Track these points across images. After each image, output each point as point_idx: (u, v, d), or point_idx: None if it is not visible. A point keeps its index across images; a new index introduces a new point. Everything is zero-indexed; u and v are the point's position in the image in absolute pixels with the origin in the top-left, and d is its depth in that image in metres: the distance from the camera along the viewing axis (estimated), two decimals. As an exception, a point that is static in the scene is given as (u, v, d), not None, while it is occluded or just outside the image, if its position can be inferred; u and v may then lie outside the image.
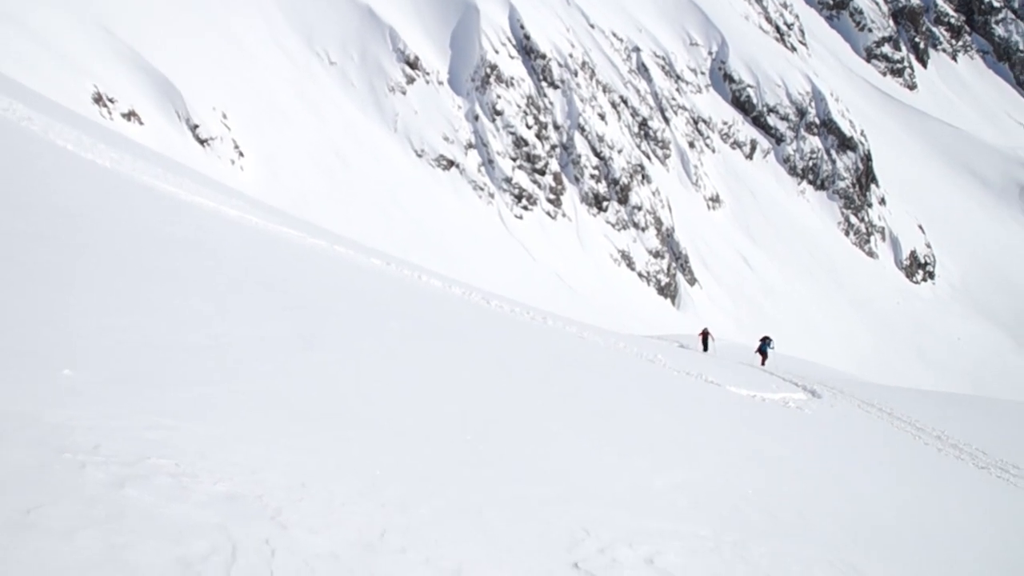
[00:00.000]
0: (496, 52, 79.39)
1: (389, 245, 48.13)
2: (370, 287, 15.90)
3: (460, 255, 62.36)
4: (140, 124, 51.98)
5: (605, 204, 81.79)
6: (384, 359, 9.27)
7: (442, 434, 6.94)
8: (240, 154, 59.29)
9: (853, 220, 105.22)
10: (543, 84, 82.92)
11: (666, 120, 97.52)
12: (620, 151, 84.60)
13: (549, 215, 77.19)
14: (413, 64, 75.54)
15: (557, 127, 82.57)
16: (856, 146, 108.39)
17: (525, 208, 75.83)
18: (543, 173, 78.49)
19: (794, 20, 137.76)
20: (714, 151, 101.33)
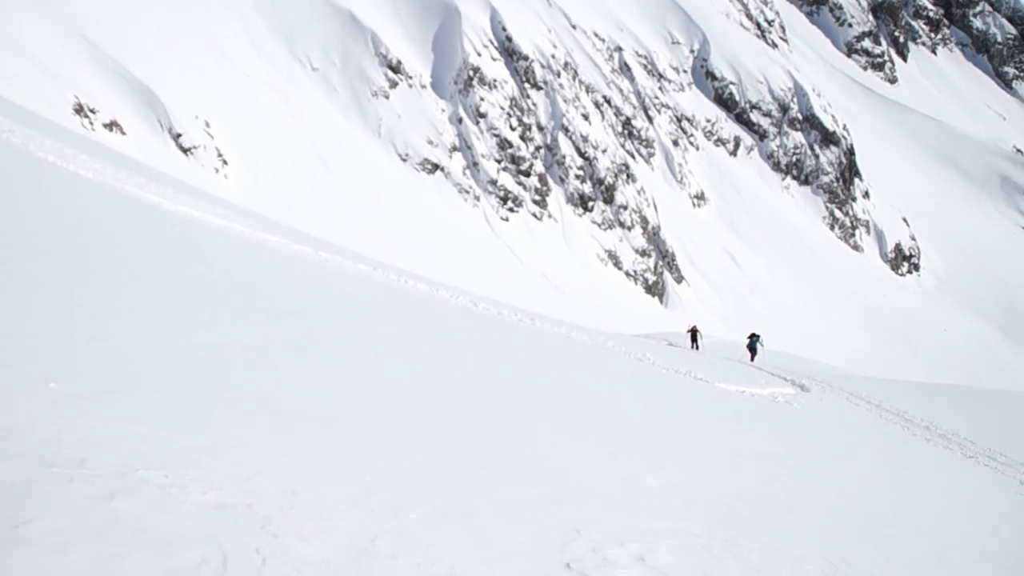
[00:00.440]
0: (478, 54, 79.41)
1: (375, 250, 48.11)
2: (357, 292, 15.88)
3: (447, 258, 62.34)
4: (122, 134, 51.84)
5: (591, 204, 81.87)
6: (373, 364, 9.26)
7: (432, 437, 6.93)
8: (224, 162, 59.17)
9: (838, 214, 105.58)
10: (526, 85, 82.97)
11: (649, 119, 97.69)
12: (604, 151, 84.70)
13: (535, 216, 77.22)
14: (395, 68, 75.51)
15: (541, 128, 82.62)
16: (839, 141, 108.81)
17: (511, 210, 75.85)
18: (528, 174, 78.53)
19: (774, 17, 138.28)
20: (698, 149, 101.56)
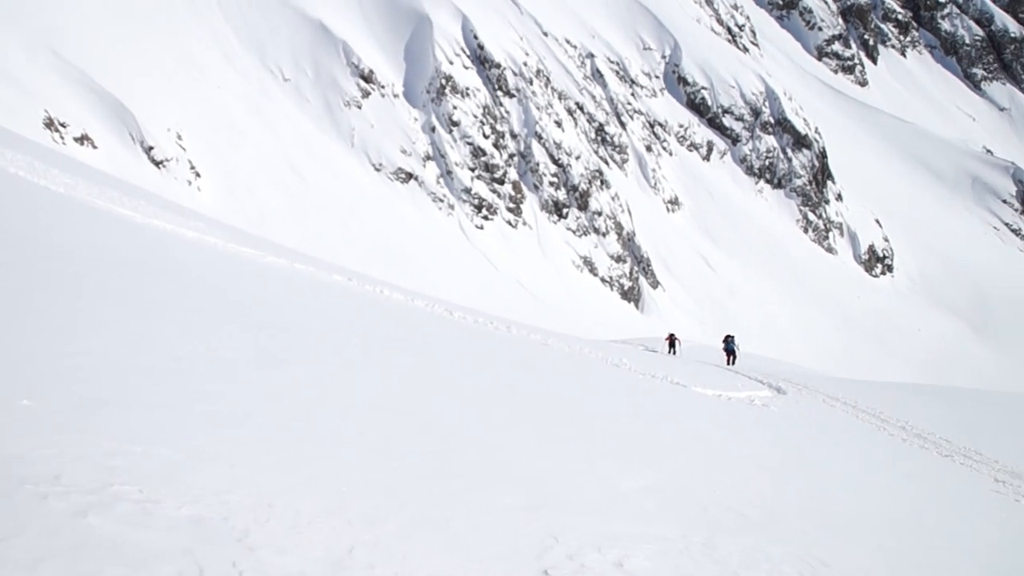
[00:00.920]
0: (450, 63, 79.45)
1: (350, 260, 48.01)
2: (332, 303, 15.85)
3: (422, 268, 62.28)
4: (94, 148, 51.53)
5: (565, 211, 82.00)
6: (348, 375, 9.25)
7: (408, 447, 6.93)
8: (196, 175, 58.92)
9: (811, 217, 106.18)
10: (499, 93, 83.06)
11: (622, 125, 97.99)
12: (578, 157, 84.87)
13: (510, 224, 77.27)
14: (367, 78, 75.44)
15: (514, 136, 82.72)
16: (811, 144, 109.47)
17: (485, 218, 75.87)
18: (502, 182, 78.59)
19: (745, 21, 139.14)
20: (671, 154, 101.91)
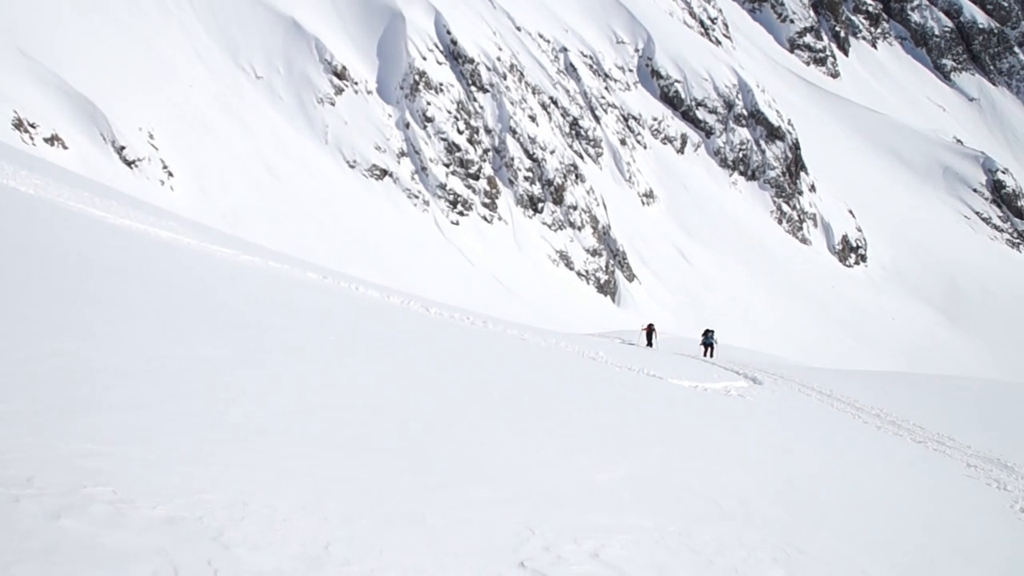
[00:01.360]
0: (424, 59, 79.30)
1: (326, 258, 47.87)
2: (307, 301, 15.81)
3: (398, 264, 62.21)
4: (64, 148, 51.11)
5: (540, 205, 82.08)
6: (323, 372, 9.24)
7: (384, 443, 6.93)
8: (169, 174, 58.56)
9: (785, 208, 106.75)
10: (472, 89, 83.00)
11: (597, 119, 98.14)
12: (552, 152, 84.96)
13: (485, 219, 77.27)
14: (341, 74, 75.19)
15: (489, 131, 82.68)
16: (784, 135, 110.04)
17: (461, 213, 75.83)
18: (477, 178, 78.55)
19: (717, 14, 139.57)
20: (645, 147, 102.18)
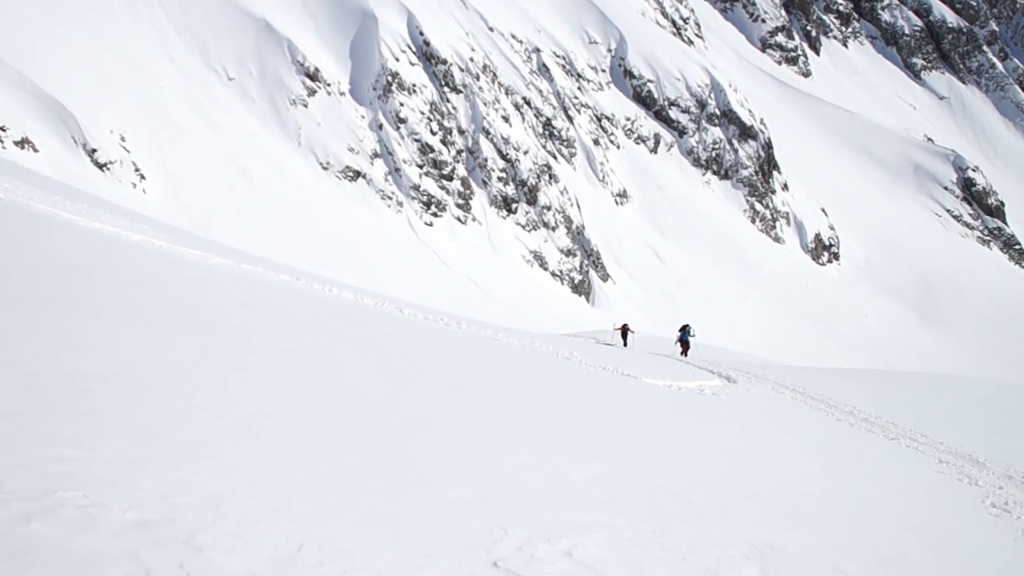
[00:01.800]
0: (396, 60, 79.17)
1: (300, 260, 47.71)
2: (280, 303, 15.75)
3: (372, 266, 62.07)
4: (35, 151, 50.66)
5: (514, 206, 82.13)
6: (295, 374, 9.21)
7: (356, 445, 6.93)
8: (141, 177, 58.17)
9: (758, 207, 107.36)
10: (445, 89, 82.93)
11: (570, 119, 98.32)
12: (526, 152, 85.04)
13: (459, 220, 77.23)
14: (313, 76, 74.95)
15: (462, 132, 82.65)
16: (757, 135, 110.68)
17: (435, 215, 75.76)
18: (450, 179, 78.50)
19: (689, 14, 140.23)
20: (619, 147, 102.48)
